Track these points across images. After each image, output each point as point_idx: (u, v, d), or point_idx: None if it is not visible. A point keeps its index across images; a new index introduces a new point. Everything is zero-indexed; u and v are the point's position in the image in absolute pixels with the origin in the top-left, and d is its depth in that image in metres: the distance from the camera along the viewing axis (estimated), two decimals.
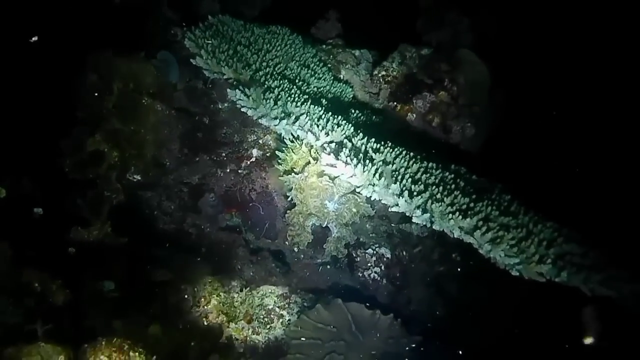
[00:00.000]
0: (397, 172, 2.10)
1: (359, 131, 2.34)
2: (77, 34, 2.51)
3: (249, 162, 2.76)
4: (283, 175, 2.53)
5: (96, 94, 2.25)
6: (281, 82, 2.49)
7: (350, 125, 2.36)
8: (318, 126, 2.28)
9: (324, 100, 2.62)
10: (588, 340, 2.09)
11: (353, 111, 2.71)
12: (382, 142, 2.28)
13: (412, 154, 2.26)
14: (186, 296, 2.21)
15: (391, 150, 2.24)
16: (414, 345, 2.28)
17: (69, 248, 1.98)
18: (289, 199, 2.56)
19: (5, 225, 1.84)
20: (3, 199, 1.88)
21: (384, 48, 3.10)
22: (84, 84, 2.31)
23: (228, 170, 2.75)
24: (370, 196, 2.11)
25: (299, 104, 2.34)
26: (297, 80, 2.66)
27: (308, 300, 2.48)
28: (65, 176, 2.24)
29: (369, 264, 2.62)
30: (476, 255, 2.06)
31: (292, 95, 2.39)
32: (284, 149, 2.54)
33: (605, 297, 1.81)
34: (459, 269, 2.76)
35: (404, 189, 2.01)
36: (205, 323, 2.23)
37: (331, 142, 2.28)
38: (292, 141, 2.48)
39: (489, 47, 3.00)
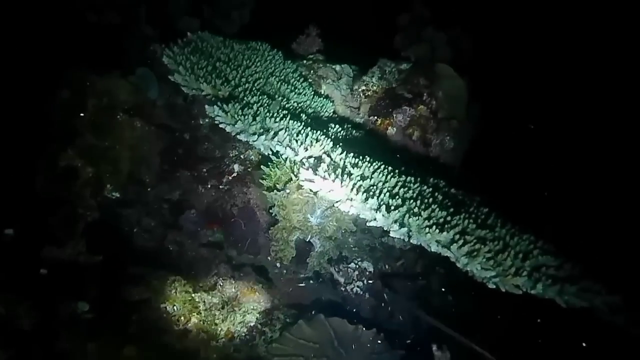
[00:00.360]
0: (374, 187, 2.11)
1: (337, 146, 2.34)
2: (52, 51, 2.50)
3: (230, 178, 2.75)
4: (266, 191, 2.52)
5: (69, 110, 2.24)
6: (260, 97, 2.49)
7: (329, 140, 2.36)
8: (297, 141, 2.28)
9: (303, 115, 2.63)
10: None
11: (333, 126, 2.72)
12: (361, 157, 2.29)
13: (390, 168, 2.27)
14: (165, 315, 2.18)
15: (369, 164, 2.25)
16: None
17: (40, 269, 1.94)
18: (273, 214, 2.55)
19: None
20: None
21: (364, 63, 3.13)
22: (58, 100, 2.30)
23: (209, 186, 2.75)
24: (349, 211, 2.11)
25: (277, 119, 2.34)
26: (276, 96, 2.67)
27: (290, 316, 2.46)
28: (38, 194, 2.21)
29: (352, 278, 2.61)
30: (459, 268, 2.06)
31: (271, 111, 2.39)
32: (268, 164, 2.54)
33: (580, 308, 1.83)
34: (442, 282, 2.76)
35: (381, 203, 2.01)
36: (185, 342, 2.20)
37: (310, 157, 2.28)
38: (277, 156, 2.47)
39: (466, 61, 3.05)
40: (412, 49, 3.10)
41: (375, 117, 2.92)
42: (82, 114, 2.27)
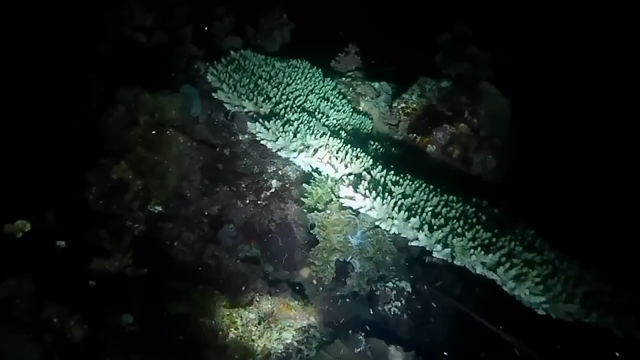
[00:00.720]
0: (416, 205, 2.08)
1: (378, 163, 2.33)
2: (106, 70, 2.62)
3: (268, 193, 2.77)
4: (307, 210, 2.52)
5: (123, 126, 2.33)
6: (300, 114, 2.52)
7: (369, 157, 2.35)
8: (337, 158, 2.29)
9: (343, 132, 2.63)
10: None
11: (372, 143, 2.71)
12: (402, 175, 2.26)
13: (432, 186, 2.24)
14: (204, 329, 2.19)
15: (411, 182, 2.22)
16: None
17: (89, 281, 1.99)
18: (314, 234, 2.54)
19: (29, 259, 1.88)
20: (28, 233, 1.93)
21: (404, 80, 3.12)
22: (112, 116, 2.39)
23: (247, 201, 2.76)
24: (390, 229, 2.08)
25: (317, 136, 2.35)
26: (316, 113, 2.69)
27: (327, 334, 2.43)
28: (89, 207, 2.28)
29: (390, 298, 2.57)
30: (499, 290, 2.00)
31: (311, 128, 2.41)
32: (310, 181, 2.54)
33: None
34: (481, 304, 2.67)
35: (423, 222, 1.98)
36: (223, 358, 2.19)
37: (350, 174, 2.28)
38: (318, 173, 2.47)
39: (509, 80, 2.99)
40: (453, 67, 3.07)
41: (415, 135, 2.89)
42: (134, 129, 2.35)
